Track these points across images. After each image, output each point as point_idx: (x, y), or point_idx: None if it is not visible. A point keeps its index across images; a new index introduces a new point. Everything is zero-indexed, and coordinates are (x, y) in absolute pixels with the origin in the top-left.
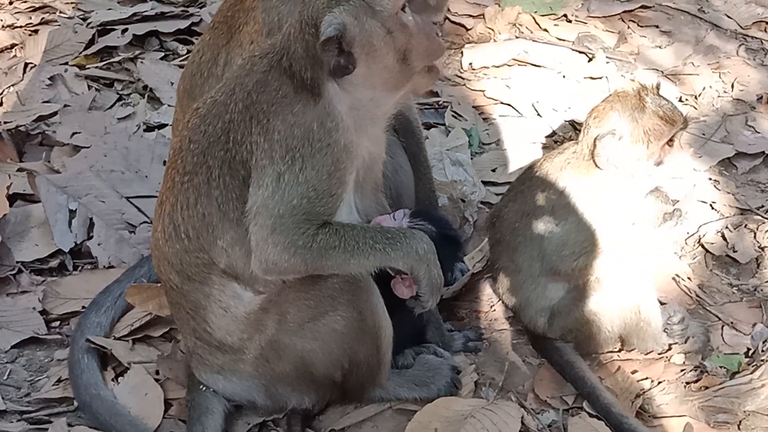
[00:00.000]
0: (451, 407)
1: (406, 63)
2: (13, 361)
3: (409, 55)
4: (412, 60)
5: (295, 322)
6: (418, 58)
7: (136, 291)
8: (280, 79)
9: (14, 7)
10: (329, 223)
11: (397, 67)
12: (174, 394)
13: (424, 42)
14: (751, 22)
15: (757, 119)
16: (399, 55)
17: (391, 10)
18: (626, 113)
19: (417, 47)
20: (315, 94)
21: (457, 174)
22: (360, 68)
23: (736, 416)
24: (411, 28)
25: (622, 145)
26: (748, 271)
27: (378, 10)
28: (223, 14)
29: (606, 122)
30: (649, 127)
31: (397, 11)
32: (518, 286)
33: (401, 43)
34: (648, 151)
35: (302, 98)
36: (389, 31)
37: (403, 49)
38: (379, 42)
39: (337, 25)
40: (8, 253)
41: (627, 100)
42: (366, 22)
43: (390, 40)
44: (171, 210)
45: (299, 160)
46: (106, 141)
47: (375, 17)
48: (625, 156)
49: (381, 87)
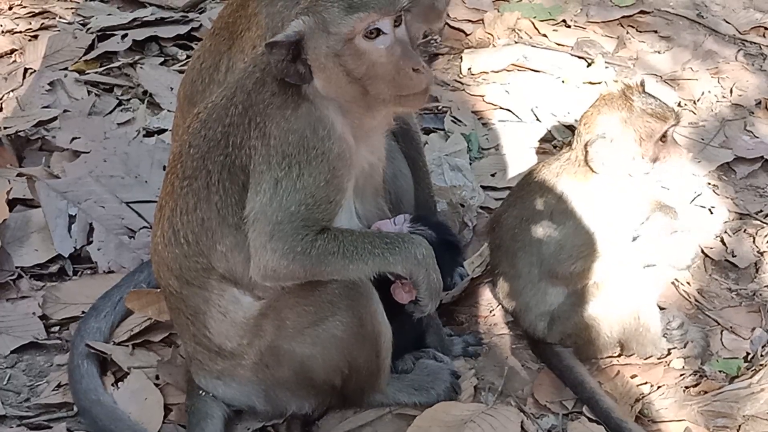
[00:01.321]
0: (450, 412)
1: (364, 87)
2: (13, 366)
3: (368, 83)
4: (373, 88)
5: (295, 327)
6: (381, 86)
7: (136, 296)
8: (273, 77)
9: (14, 13)
10: (328, 229)
11: (355, 89)
12: (174, 399)
13: (389, 74)
14: (749, 27)
15: (756, 124)
16: (352, 79)
17: (345, 35)
18: (614, 115)
19: (379, 77)
20: (300, 96)
21: (456, 179)
22: (318, 81)
23: (735, 421)
24: (374, 57)
25: (614, 147)
26: (747, 275)
27: (332, 32)
28: (223, 21)
29: (595, 127)
30: (639, 125)
31: (354, 37)
32: (518, 292)
33: (354, 69)
34: (641, 150)
35: (292, 101)
36: (338, 54)
37: (357, 75)
38: (327, 61)
39: (292, 33)
40: (8, 259)
41: (614, 102)
42: (319, 38)
43: (339, 62)
44: (170, 215)
45: (296, 167)
46: (106, 146)
47: (327, 37)
48: (619, 157)
49: (351, 103)
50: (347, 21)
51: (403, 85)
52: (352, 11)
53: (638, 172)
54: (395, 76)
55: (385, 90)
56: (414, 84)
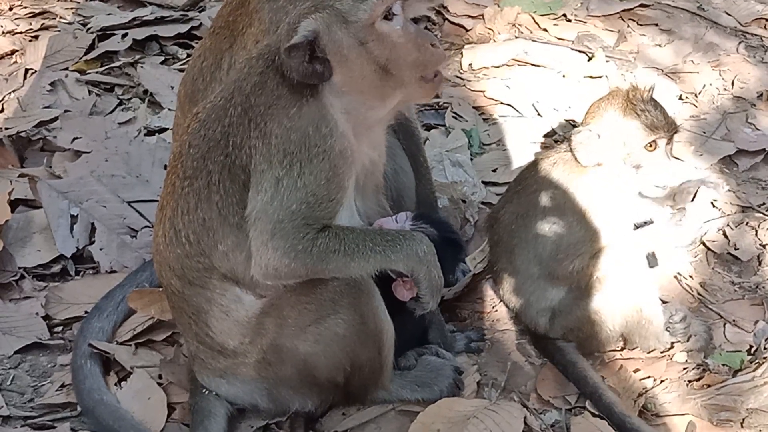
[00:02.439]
0: (453, 408)
1: (390, 73)
2: (17, 367)
3: (393, 66)
4: (398, 71)
5: (297, 325)
6: (405, 68)
7: (138, 295)
8: (275, 79)
9: (14, 13)
10: (329, 227)
11: (379, 77)
12: (177, 398)
13: (412, 53)
14: (750, 20)
15: (758, 116)
16: (378, 66)
17: (365, 21)
18: (609, 112)
19: (403, 58)
20: (308, 96)
21: (458, 175)
22: (337, 76)
23: (738, 414)
24: (394, 38)
25: (600, 143)
26: (749, 268)
27: (351, 21)
28: (224, 19)
29: (589, 118)
30: (626, 129)
31: (374, 21)
32: (518, 288)
33: (380, 54)
34: (624, 152)
35: (297, 100)
36: (362, 42)
37: (383, 60)
38: (351, 52)
39: (308, 32)
40: (11, 259)
41: (615, 99)
42: (338, 31)
43: (364, 51)
44: (172, 215)
45: (297, 165)
46: (107, 146)
47: (348, 27)
48: (602, 154)
49: (369, 95)
50: (365, 6)
51: (427, 61)
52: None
53: (622, 175)
54: (417, 54)
55: (410, 70)
56: (436, 58)
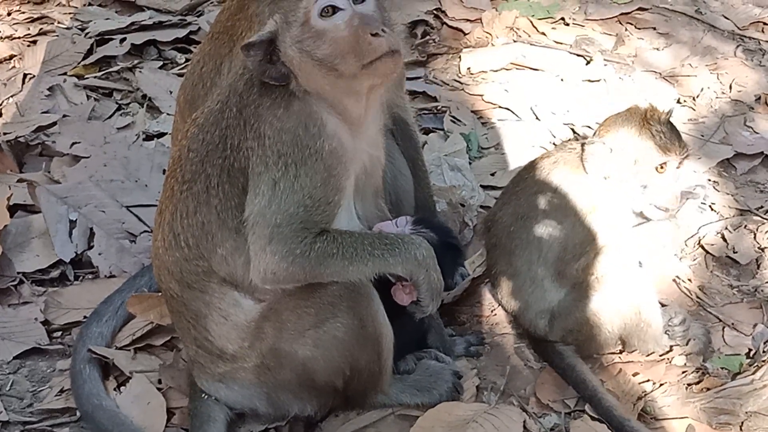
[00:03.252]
0: (453, 412)
1: (336, 69)
2: (16, 372)
3: (335, 62)
4: (341, 65)
5: (296, 329)
6: (347, 61)
7: (137, 300)
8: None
9: (12, 18)
10: (327, 231)
11: (325, 73)
12: (176, 403)
13: (349, 44)
14: (748, 23)
15: (756, 120)
16: (318, 63)
17: (300, 19)
18: (625, 129)
19: (338, 52)
20: (292, 96)
21: (456, 179)
22: (299, 77)
23: (738, 417)
24: (331, 34)
25: (610, 158)
26: (748, 272)
27: (291, 21)
28: (222, 24)
29: (606, 131)
30: (639, 148)
31: (308, 19)
32: (517, 290)
33: (316, 51)
34: (634, 171)
35: (283, 100)
36: (299, 40)
37: (321, 56)
38: (294, 52)
39: (263, 33)
40: (9, 264)
41: (633, 117)
42: (284, 32)
43: (302, 48)
44: (171, 219)
45: (292, 166)
46: (106, 150)
47: (289, 28)
48: (611, 169)
49: (330, 92)
50: (299, 6)
51: (365, 51)
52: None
53: (628, 191)
54: (355, 46)
55: (351, 63)
56: (374, 48)
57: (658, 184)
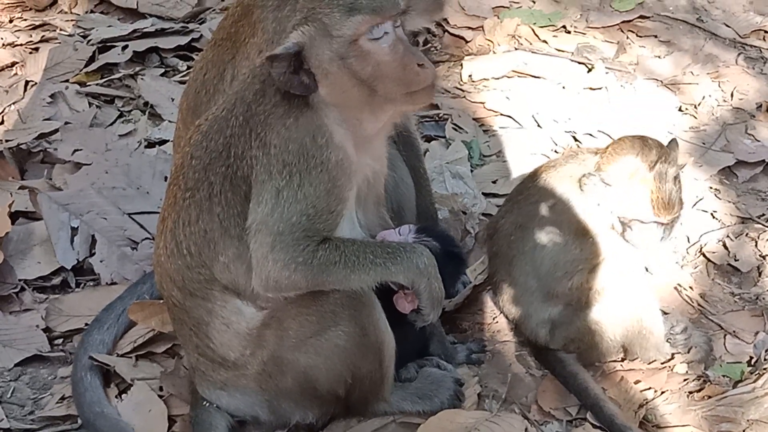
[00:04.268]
0: (454, 420)
1: (373, 89)
2: (17, 379)
3: (376, 83)
4: (381, 88)
5: (298, 337)
6: (389, 86)
7: (139, 308)
8: (274, 88)
9: (14, 26)
10: (329, 239)
11: (362, 92)
12: (178, 411)
13: (395, 72)
14: (749, 31)
15: (757, 128)
16: (359, 82)
17: (349, 37)
18: (629, 168)
19: (386, 76)
20: (303, 106)
21: (458, 186)
22: (323, 89)
23: (739, 425)
24: (378, 56)
25: (606, 191)
26: (749, 279)
27: (335, 35)
28: (225, 31)
29: (611, 159)
30: (636, 195)
31: (358, 39)
32: (517, 299)
33: (361, 71)
34: (621, 210)
35: (294, 110)
36: (342, 57)
37: (364, 76)
38: (332, 67)
39: (291, 44)
40: (11, 271)
41: (644, 156)
42: (321, 45)
43: (343, 65)
44: (173, 226)
45: (297, 176)
46: (108, 158)
47: (331, 42)
48: (603, 200)
49: (355, 109)
50: (350, 23)
51: (411, 81)
52: (353, 13)
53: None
54: (401, 74)
55: (394, 88)
56: (421, 79)
57: (641, 232)
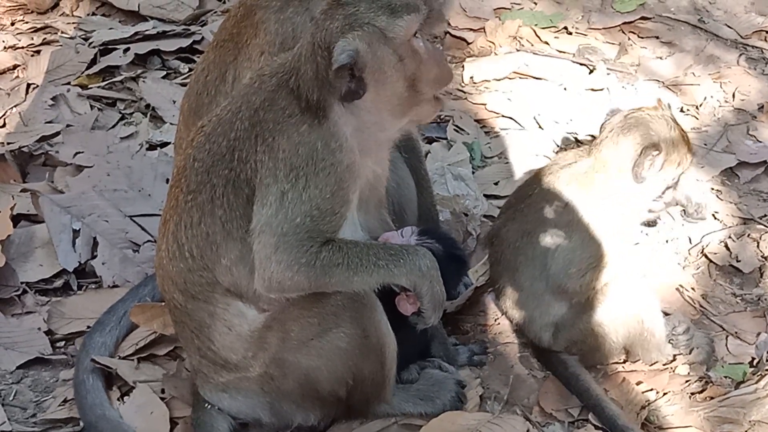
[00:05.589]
0: (456, 421)
1: (415, 89)
2: (19, 382)
3: (419, 82)
4: (422, 87)
5: (299, 339)
6: (427, 84)
7: (141, 310)
8: (287, 98)
9: (16, 28)
10: (332, 241)
11: (406, 93)
12: (180, 413)
13: (434, 69)
14: (751, 32)
15: (759, 128)
16: (408, 82)
17: (403, 38)
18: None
19: (427, 74)
20: (321, 116)
21: (459, 188)
22: (369, 93)
23: (741, 426)
24: (422, 54)
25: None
26: (751, 280)
27: (391, 37)
28: (227, 32)
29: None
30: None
31: (410, 38)
32: (521, 305)
33: (411, 70)
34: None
35: (308, 119)
36: (400, 58)
37: (412, 75)
38: (390, 69)
39: (351, 51)
40: (13, 274)
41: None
42: (378, 49)
43: (401, 67)
44: (175, 229)
45: (303, 178)
46: (109, 160)
47: (387, 44)
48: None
49: (387, 112)
50: (402, 24)
51: (443, 77)
52: (400, 14)
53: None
54: (438, 71)
55: (433, 86)
56: (450, 74)
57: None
